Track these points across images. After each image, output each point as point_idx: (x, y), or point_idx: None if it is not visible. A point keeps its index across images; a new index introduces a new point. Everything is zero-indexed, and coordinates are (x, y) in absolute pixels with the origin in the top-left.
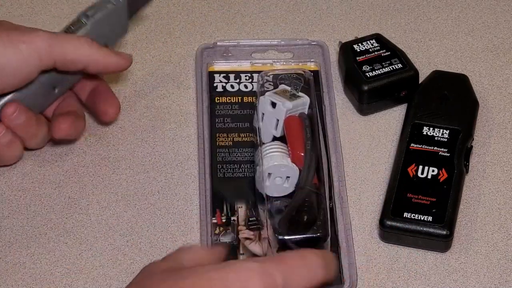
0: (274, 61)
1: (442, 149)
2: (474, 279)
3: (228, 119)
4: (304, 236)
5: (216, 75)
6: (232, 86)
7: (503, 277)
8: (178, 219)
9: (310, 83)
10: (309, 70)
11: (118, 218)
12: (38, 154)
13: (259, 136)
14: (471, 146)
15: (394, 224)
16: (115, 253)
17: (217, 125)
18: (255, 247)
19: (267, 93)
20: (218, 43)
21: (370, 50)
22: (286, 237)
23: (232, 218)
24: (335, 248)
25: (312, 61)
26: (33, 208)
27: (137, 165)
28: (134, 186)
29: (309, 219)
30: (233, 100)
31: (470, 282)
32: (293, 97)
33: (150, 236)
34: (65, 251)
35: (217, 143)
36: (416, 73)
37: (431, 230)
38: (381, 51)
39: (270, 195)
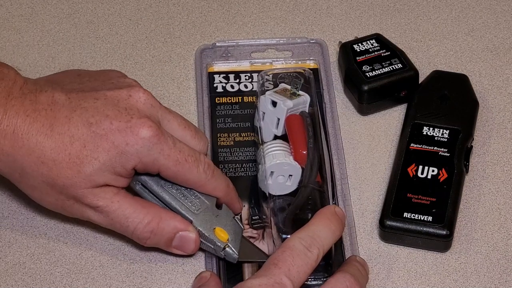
0: (273, 60)
1: (442, 149)
2: (474, 279)
3: (229, 119)
4: None
5: (216, 76)
6: (232, 86)
7: (503, 277)
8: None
9: (311, 82)
10: (309, 69)
11: None
12: None
13: (260, 135)
14: (471, 146)
15: (394, 224)
16: (115, 253)
17: (218, 126)
18: (258, 246)
19: (267, 92)
20: (217, 44)
21: (370, 50)
22: (290, 236)
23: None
24: (339, 245)
25: (311, 60)
26: (33, 208)
27: None
28: None
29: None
30: (233, 100)
31: (470, 282)
32: (293, 95)
33: None
34: (65, 251)
35: (219, 143)
36: (416, 73)
37: (431, 230)
38: (381, 51)
39: (273, 194)
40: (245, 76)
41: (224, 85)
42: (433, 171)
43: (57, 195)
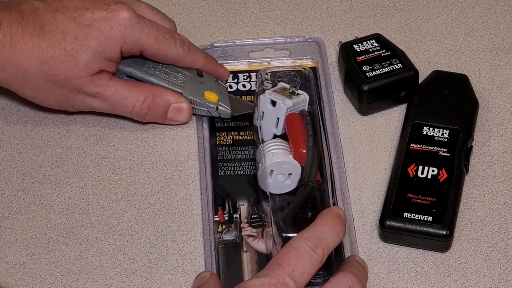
0: (271, 60)
1: (442, 149)
2: (474, 279)
3: (227, 118)
4: None
5: None
6: (230, 86)
7: (503, 277)
8: (179, 218)
9: (310, 80)
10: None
11: (118, 218)
12: (38, 154)
13: (260, 135)
14: (471, 146)
15: (394, 224)
16: (115, 253)
17: (217, 125)
18: (258, 244)
19: (266, 92)
20: (215, 44)
21: (370, 50)
22: (290, 234)
23: (234, 216)
24: (339, 245)
25: (309, 58)
26: (33, 208)
27: (137, 165)
28: (134, 186)
29: (313, 216)
30: None
31: (470, 282)
32: (292, 94)
33: (150, 236)
34: (65, 251)
35: (217, 142)
36: (416, 73)
37: (431, 230)
38: (381, 51)
39: (273, 192)
40: (243, 76)
41: None
42: (433, 171)
43: (60, 90)
